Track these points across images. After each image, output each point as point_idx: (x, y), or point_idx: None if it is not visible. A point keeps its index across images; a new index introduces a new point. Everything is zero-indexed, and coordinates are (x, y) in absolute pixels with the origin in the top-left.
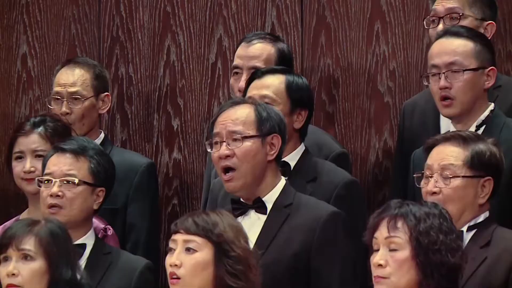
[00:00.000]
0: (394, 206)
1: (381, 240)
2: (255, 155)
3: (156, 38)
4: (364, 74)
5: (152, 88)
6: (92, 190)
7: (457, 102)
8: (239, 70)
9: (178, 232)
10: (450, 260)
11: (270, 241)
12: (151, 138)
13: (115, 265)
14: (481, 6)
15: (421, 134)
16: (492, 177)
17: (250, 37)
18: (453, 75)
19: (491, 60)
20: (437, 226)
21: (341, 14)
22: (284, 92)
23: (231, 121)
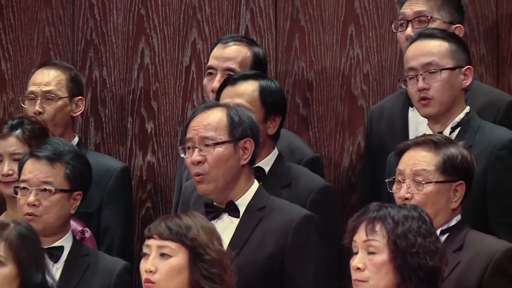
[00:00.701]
0: (373, 209)
1: (359, 243)
2: (227, 161)
3: (130, 41)
4: (338, 77)
5: (126, 91)
6: (69, 195)
7: (436, 102)
8: (214, 70)
9: (152, 238)
10: (428, 263)
11: (243, 244)
12: (125, 141)
13: (93, 267)
14: (449, 9)
15: (389, 138)
16: (464, 181)
17: (227, 38)
18: (430, 76)
19: (467, 60)
20: (415, 229)
21: (315, 17)
22: (257, 99)
23: (203, 127)
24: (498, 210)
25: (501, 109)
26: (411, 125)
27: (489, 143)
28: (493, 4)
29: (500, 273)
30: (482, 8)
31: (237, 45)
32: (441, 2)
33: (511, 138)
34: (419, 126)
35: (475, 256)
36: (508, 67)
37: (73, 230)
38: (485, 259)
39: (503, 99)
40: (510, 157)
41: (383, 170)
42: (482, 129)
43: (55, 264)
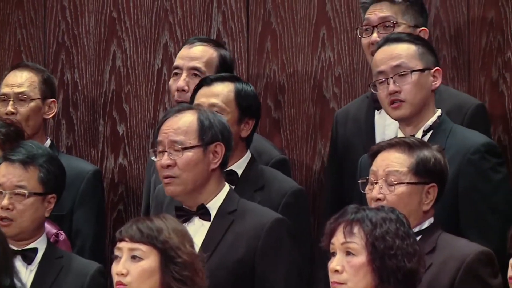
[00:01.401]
0: (351, 211)
1: (337, 245)
2: (196, 165)
3: (101, 43)
4: (310, 80)
5: (98, 94)
6: (43, 198)
7: (407, 104)
8: (179, 70)
9: (123, 240)
10: (407, 265)
11: (215, 247)
12: (97, 144)
13: (66, 269)
14: (413, 13)
15: (356, 141)
16: (437, 183)
17: (193, 39)
18: (401, 79)
19: (435, 62)
20: (393, 231)
21: (287, 20)
22: (233, 101)
23: (173, 130)
24: (469, 214)
25: (468, 113)
26: (377, 129)
27: (461, 147)
28: (464, 7)
29: (471, 276)
30: (453, 11)
31: (203, 45)
32: (405, 7)
33: (483, 142)
34: (385, 129)
35: (447, 258)
36: (479, 70)
37: (47, 232)
38: (457, 262)
39: (469, 103)
40: (482, 161)
41: (349, 173)
42: (454, 133)
43: (29, 266)
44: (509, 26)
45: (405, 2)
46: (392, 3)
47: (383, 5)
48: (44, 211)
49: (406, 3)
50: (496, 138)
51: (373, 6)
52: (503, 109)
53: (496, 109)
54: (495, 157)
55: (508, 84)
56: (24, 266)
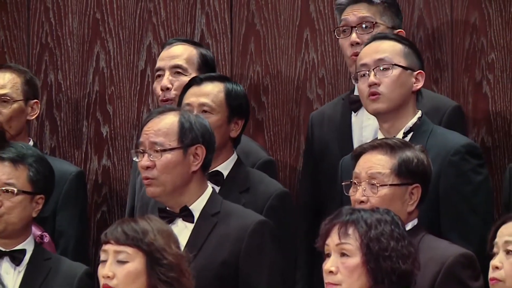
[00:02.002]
0: (346, 212)
1: (332, 246)
2: (175, 167)
3: (85, 44)
4: (293, 81)
5: (81, 95)
6: (32, 198)
7: (385, 98)
8: (162, 72)
9: (109, 243)
10: (401, 266)
11: (198, 249)
12: (80, 145)
13: (55, 270)
14: (391, 14)
15: (333, 143)
16: (420, 184)
17: (171, 40)
18: (382, 72)
19: (419, 65)
20: (388, 233)
21: (271, 21)
22: (223, 101)
23: (153, 132)
24: (450, 216)
25: (445, 115)
26: (354, 131)
27: (442, 148)
28: (448, 9)
29: (452, 279)
30: (436, 13)
31: (182, 44)
32: (383, 8)
33: (463, 143)
34: (363, 131)
35: (428, 261)
36: (463, 72)
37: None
38: (438, 264)
39: (447, 105)
40: (463, 162)
41: (327, 175)
42: (435, 134)
43: (17, 268)
44: (492, 28)
45: (383, 3)
46: (370, 4)
47: (361, 6)
48: (32, 211)
49: (384, 4)
50: (480, 140)
51: (350, 7)
52: (487, 111)
53: (479, 111)
54: (476, 158)
55: (492, 86)
56: (12, 268)
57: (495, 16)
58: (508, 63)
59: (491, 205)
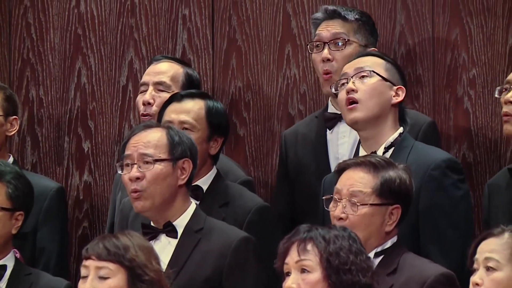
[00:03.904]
0: (303, 230)
1: (292, 264)
2: (165, 179)
3: (67, 60)
4: (275, 97)
5: (63, 111)
6: (11, 215)
7: (362, 106)
8: (145, 87)
9: (90, 258)
10: (362, 279)
11: (182, 266)
12: (62, 161)
13: (35, 286)
14: (365, 33)
15: (308, 161)
16: (401, 204)
17: (159, 57)
18: (360, 80)
19: (400, 81)
20: (346, 247)
21: (252, 37)
22: (204, 118)
23: (143, 144)
24: (430, 230)
25: (421, 130)
26: (330, 148)
27: (422, 163)
28: (429, 24)
29: None
30: (418, 29)
31: (169, 62)
32: (358, 26)
33: (444, 158)
34: (339, 148)
35: (408, 280)
36: (444, 87)
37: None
38: (418, 284)
39: (422, 120)
40: (443, 177)
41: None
42: (416, 149)
43: None
44: (473, 44)
45: (357, 21)
46: (345, 21)
47: (336, 22)
48: (12, 227)
49: (358, 22)
50: (461, 155)
51: (325, 23)
52: (468, 127)
53: (460, 127)
54: (456, 173)
55: (473, 102)
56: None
57: (476, 32)
58: (489, 79)
59: (472, 221)
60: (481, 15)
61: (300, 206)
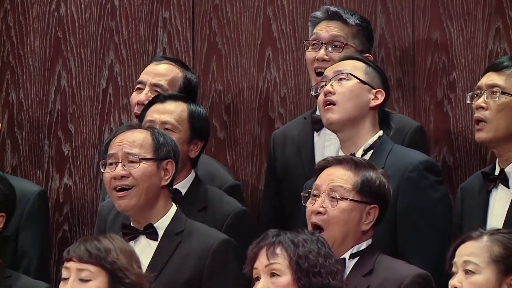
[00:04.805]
0: (272, 234)
1: (261, 268)
2: (150, 178)
3: (47, 63)
4: (255, 100)
5: (43, 114)
6: None
7: (339, 108)
8: (142, 85)
9: (71, 260)
10: (331, 282)
11: (162, 268)
12: (42, 164)
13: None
14: (362, 38)
15: (295, 163)
16: (379, 205)
17: (160, 57)
18: (339, 83)
19: (380, 85)
20: (315, 250)
21: (232, 40)
22: (186, 121)
23: (128, 143)
24: (407, 232)
25: (407, 135)
26: (317, 150)
27: (401, 165)
28: (409, 28)
29: None
30: (398, 32)
31: (170, 64)
32: (357, 31)
33: (422, 160)
34: (325, 150)
35: (384, 281)
36: (424, 91)
37: None
38: (394, 284)
39: (409, 125)
40: (421, 179)
41: (290, 196)
42: (394, 152)
43: None
44: (453, 47)
45: (357, 26)
46: (345, 24)
47: (336, 24)
48: None
49: (358, 27)
50: (441, 159)
51: (325, 22)
52: (448, 130)
53: (441, 130)
54: (434, 175)
55: (453, 105)
56: None
57: (457, 36)
58: (469, 82)
59: (449, 223)
60: (461, 19)
61: (286, 208)
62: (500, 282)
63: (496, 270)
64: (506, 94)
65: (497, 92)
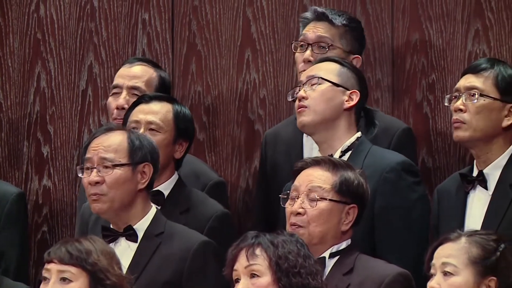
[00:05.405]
0: (251, 236)
1: (241, 270)
2: (124, 183)
3: (26, 64)
4: (235, 101)
5: (22, 115)
6: None
7: (310, 111)
8: (119, 89)
9: (52, 262)
10: (311, 282)
11: (142, 270)
12: (21, 165)
13: None
14: (351, 39)
15: (284, 163)
16: (357, 205)
17: (133, 59)
18: (310, 87)
19: (355, 85)
20: (295, 251)
21: (212, 41)
22: (171, 121)
23: (103, 148)
24: (384, 232)
25: (395, 136)
26: (305, 151)
27: (378, 165)
28: (388, 29)
29: None
30: (378, 33)
31: (143, 65)
32: (344, 31)
33: (399, 161)
34: (313, 152)
35: (365, 280)
36: (403, 92)
37: None
38: (375, 283)
39: (396, 126)
40: (398, 180)
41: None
42: (372, 153)
43: None
44: (433, 49)
45: (345, 26)
46: (331, 25)
47: (323, 25)
48: None
49: (345, 28)
50: (420, 160)
51: (313, 23)
52: (427, 131)
53: (420, 131)
54: (412, 176)
55: (432, 107)
56: None
57: (436, 37)
58: (448, 84)
59: (427, 224)
60: (441, 20)
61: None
62: (479, 283)
63: (474, 272)
64: (485, 96)
65: (475, 94)
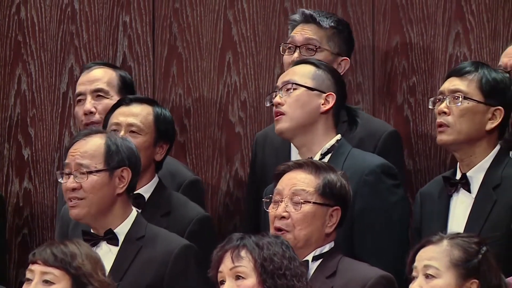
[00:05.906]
0: (236, 238)
1: (226, 272)
2: (100, 189)
3: (7, 67)
4: (215, 104)
5: (3, 117)
6: None
7: (287, 117)
8: (83, 96)
9: (36, 263)
10: (296, 284)
11: (123, 274)
12: (2, 168)
13: None
14: (338, 41)
15: (272, 166)
16: (340, 207)
17: (89, 65)
18: (286, 93)
19: (331, 87)
20: (280, 253)
21: (193, 44)
22: (151, 123)
23: (80, 154)
24: (364, 235)
25: (381, 139)
26: (293, 154)
27: (358, 168)
28: (369, 32)
29: None
30: (358, 36)
31: (101, 67)
32: (332, 33)
33: (378, 163)
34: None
35: (348, 282)
36: (384, 95)
37: None
38: (358, 286)
39: (382, 129)
40: (377, 182)
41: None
42: (352, 155)
43: None
44: (413, 52)
45: (332, 28)
46: (319, 27)
47: (311, 27)
48: None
49: (333, 30)
50: None
51: (301, 26)
52: (408, 134)
53: (401, 134)
54: (391, 178)
55: (413, 109)
56: None
57: (417, 40)
58: (429, 87)
59: (407, 226)
60: (421, 23)
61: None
62: (460, 286)
63: (456, 274)
64: (468, 99)
65: (459, 97)
